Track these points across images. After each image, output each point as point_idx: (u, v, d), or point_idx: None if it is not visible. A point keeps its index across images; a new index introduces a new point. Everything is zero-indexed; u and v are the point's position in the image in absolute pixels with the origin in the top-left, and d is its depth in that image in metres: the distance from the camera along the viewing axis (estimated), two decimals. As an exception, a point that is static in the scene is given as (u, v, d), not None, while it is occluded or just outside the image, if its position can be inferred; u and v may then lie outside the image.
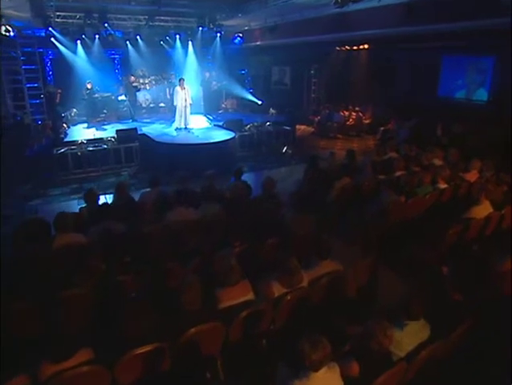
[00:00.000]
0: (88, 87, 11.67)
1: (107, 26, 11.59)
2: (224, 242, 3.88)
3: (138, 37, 12.48)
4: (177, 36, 13.14)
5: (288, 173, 8.85)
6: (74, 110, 12.08)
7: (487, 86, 10.19)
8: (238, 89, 14.45)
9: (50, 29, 10.84)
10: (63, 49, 11.53)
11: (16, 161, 8.30)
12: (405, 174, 5.77)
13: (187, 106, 10.42)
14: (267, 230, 4.08)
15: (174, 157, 8.69)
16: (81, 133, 10.46)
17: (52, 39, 11.13)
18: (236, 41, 13.59)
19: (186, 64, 13.70)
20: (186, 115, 10.49)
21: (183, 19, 12.92)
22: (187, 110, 10.47)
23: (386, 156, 7.05)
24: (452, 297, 3.37)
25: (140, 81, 13.06)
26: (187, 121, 10.55)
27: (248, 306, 2.84)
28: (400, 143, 8.68)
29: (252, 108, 14.27)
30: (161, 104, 13.84)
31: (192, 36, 13.32)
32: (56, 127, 10.00)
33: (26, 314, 2.91)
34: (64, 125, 10.66)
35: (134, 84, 12.35)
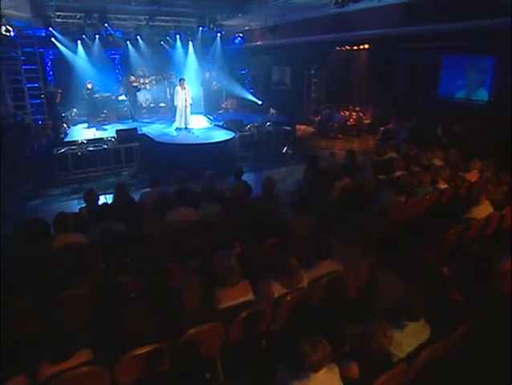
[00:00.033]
0: (89, 87, 11.68)
1: (107, 26, 11.58)
2: (224, 242, 3.87)
3: (138, 37, 12.47)
4: (178, 36, 13.13)
5: (288, 173, 8.85)
6: (74, 110, 12.08)
7: (487, 86, 10.17)
8: (238, 89, 14.45)
9: (50, 29, 10.84)
10: (64, 49, 11.53)
11: (16, 161, 8.30)
12: (405, 174, 5.76)
13: (187, 106, 10.42)
14: (267, 230, 4.07)
15: (174, 157, 8.69)
16: (81, 133, 10.45)
17: (52, 39, 11.13)
18: (236, 41, 13.58)
19: (186, 64, 13.70)
20: (186, 115, 10.49)
21: (183, 19, 12.92)
22: (187, 110, 10.47)
23: (386, 156, 7.04)
24: (452, 297, 3.36)
25: (141, 81, 13.06)
26: (187, 121, 10.55)
27: (248, 307, 2.84)
28: (400, 143, 8.67)
29: (252, 108, 14.26)
30: (161, 104, 13.85)
31: (192, 36, 13.32)
32: (56, 127, 9.99)
33: (26, 314, 2.91)
34: (64, 125, 10.65)
35: (134, 84, 12.36)
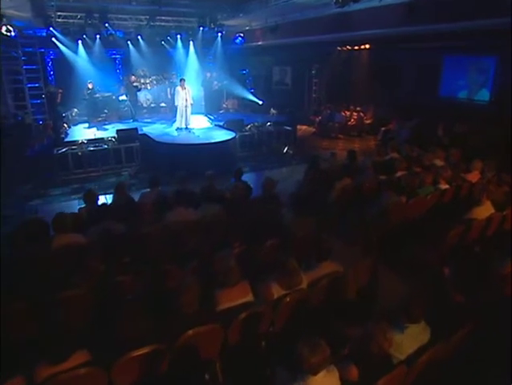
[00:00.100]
0: (89, 87, 11.69)
1: (107, 26, 11.56)
2: (223, 243, 3.86)
3: (139, 37, 12.46)
4: (178, 36, 13.13)
5: (289, 174, 8.83)
6: (75, 110, 12.09)
7: (489, 86, 10.13)
8: (239, 89, 14.43)
9: (51, 29, 10.84)
10: (64, 49, 11.54)
11: (17, 161, 8.31)
12: (406, 174, 5.73)
13: (188, 106, 10.40)
14: (267, 231, 4.06)
15: (175, 157, 8.68)
16: (82, 133, 10.45)
17: (53, 39, 11.13)
18: (237, 41, 13.55)
19: (187, 64, 13.70)
20: (187, 115, 10.48)
21: (184, 19, 12.91)
22: (188, 110, 10.46)
23: (387, 157, 7.01)
24: (453, 298, 3.34)
25: (141, 81, 13.06)
26: (188, 121, 10.54)
27: (247, 308, 2.82)
28: (402, 143, 8.64)
29: (253, 108, 14.25)
30: (162, 104, 13.85)
31: (193, 36, 13.32)
32: (57, 127, 9.98)
33: (24, 315, 2.90)
34: (65, 125, 10.65)
35: (135, 84, 12.36)
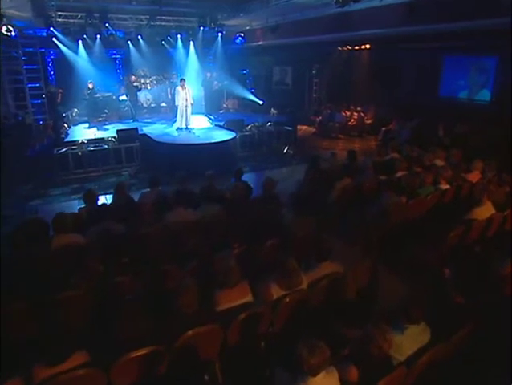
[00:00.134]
0: (90, 87, 11.70)
1: (108, 26, 11.58)
2: (223, 243, 3.85)
3: (139, 37, 12.46)
4: (179, 36, 13.13)
5: (289, 174, 8.82)
6: (75, 110, 12.09)
7: (490, 86, 10.11)
8: (240, 89, 14.43)
9: (51, 29, 10.85)
10: (65, 49, 11.55)
11: (17, 161, 8.31)
12: (407, 175, 5.72)
13: (188, 106, 10.40)
14: (267, 231, 4.05)
15: (175, 157, 8.68)
16: (82, 133, 10.45)
17: (53, 39, 11.14)
18: (237, 41, 13.56)
19: (187, 64, 13.70)
20: (187, 115, 10.48)
21: (184, 19, 12.93)
22: (188, 110, 10.46)
23: (387, 157, 7.00)
24: (453, 299, 3.33)
25: (142, 81, 13.07)
26: (188, 121, 10.54)
27: (246, 308, 2.82)
28: (402, 143, 8.63)
29: (253, 108, 14.24)
30: (162, 104, 13.85)
31: (193, 36, 13.32)
32: (57, 126, 9.97)
33: (24, 315, 2.89)
34: (65, 125, 10.64)
35: (135, 84, 12.36)
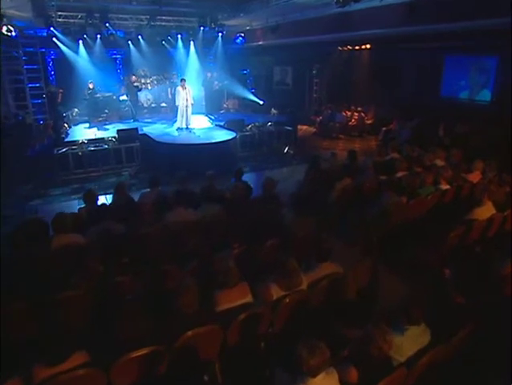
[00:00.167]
0: (90, 87, 11.70)
1: (108, 26, 11.60)
2: (223, 243, 3.85)
3: (140, 37, 12.47)
4: (179, 36, 13.13)
5: (289, 174, 8.81)
6: (75, 110, 12.10)
7: (490, 86, 10.10)
8: (240, 89, 14.42)
9: (51, 29, 10.86)
10: (65, 49, 11.55)
11: (17, 161, 8.31)
12: (407, 175, 5.71)
13: (188, 106, 10.40)
14: (267, 231, 4.04)
15: (175, 157, 8.68)
16: (82, 133, 10.45)
17: (54, 39, 11.16)
18: (238, 41, 13.56)
19: (188, 64, 13.70)
20: (188, 115, 10.47)
21: (184, 19, 12.94)
22: (188, 110, 10.45)
23: (388, 157, 6.99)
24: (454, 299, 3.33)
25: (142, 81, 13.06)
26: (188, 121, 10.53)
27: (246, 309, 2.81)
28: (402, 143, 8.62)
29: (253, 108, 14.24)
30: (163, 104, 13.84)
31: (193, 36, 13.32)
32: (57, 126, 9.97)
33: (24, 315, 2.89)
34: (65, 125, 10.63)
35: (135, 84, 12.35)
